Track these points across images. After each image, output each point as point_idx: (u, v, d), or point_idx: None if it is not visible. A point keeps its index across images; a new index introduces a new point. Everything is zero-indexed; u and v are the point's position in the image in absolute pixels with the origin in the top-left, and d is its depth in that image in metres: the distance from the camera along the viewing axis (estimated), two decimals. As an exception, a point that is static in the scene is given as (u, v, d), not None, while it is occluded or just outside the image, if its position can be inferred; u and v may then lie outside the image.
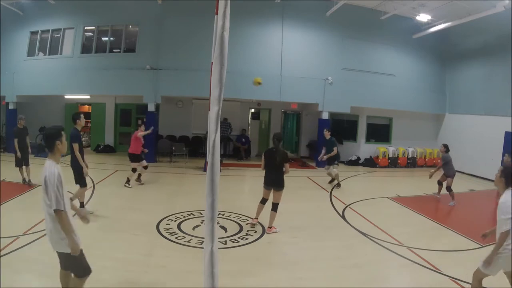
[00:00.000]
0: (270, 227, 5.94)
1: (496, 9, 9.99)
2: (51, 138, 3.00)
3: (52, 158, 3.01)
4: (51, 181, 2.83)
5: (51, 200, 2.80)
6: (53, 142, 3.00)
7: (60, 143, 3.03)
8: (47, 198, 2.83)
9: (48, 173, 2.85)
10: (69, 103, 14.58)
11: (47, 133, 3.03)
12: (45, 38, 13.22)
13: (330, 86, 13.12)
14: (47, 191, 2.81)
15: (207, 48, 4.42)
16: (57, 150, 3.02)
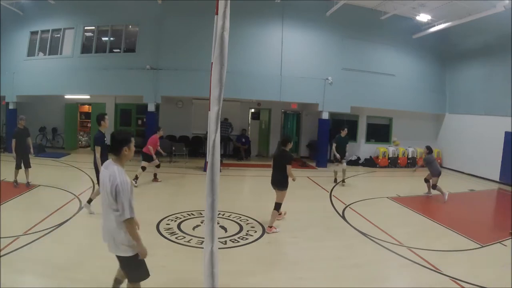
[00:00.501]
0: (270, 227, 5.95)
1: (496, 9, 9.98)
2: (119, 144, 2.95)
3: (118, 163, 2.95)
4: (124, 189, 2.78)
5: (125, 208, 2.77)
6: (120, 148, 2.94)
7: (127, 150, 2.97)
8: (116, 205, 2.80)
9: (120, 180, 2.79)
10: (69, 103, 14.58)
11: (116, 138, 2.99)
12: (45, 38, 13.22)
13: (330, 86, 13.12)
14: (119, 198, 2.77)
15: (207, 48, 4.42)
16: (123, 156, 2.97)
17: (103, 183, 2.89)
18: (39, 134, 14.42)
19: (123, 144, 2.94)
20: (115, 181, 2.78)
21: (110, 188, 2.79)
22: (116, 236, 2.87)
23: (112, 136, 3.03)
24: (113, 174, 2.82)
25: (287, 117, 16.37)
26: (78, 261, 4.41)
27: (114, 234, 2.87)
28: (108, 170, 2.89)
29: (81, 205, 6.85)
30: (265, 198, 8.10)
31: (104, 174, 2.90)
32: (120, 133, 3.03)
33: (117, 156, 2.96)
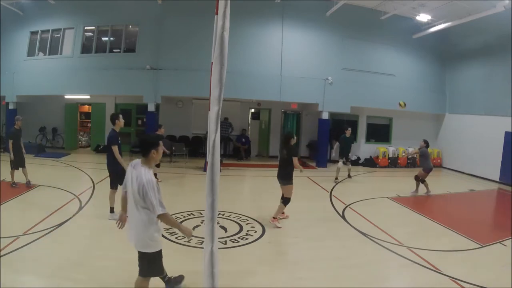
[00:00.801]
0: (274, 218, 6.15)
1: (496, 9, 9.98)
2: (148, 146, 3.06)
3: (146, 164, 3.06)
4: (150, 188, 2.91)
5: (154, 205, 2.92)
6: (149, 150, 3.05)
7: (155, 152, 3.08)
8: (143, 203, 2.94)
9: (146, 180, 2.92)
10: (69, 103, 14.58)
11: (145, 141, 3.12)
12: (45, 38, 13.22)
13: (330, 86, 13.12)
14: (147, 197, 2.90)
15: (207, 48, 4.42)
16: (151, 158, 3.09)
17: (129, 182, 3.06)
18: (39, 134, 14.42)
19: (152, 147, 3.06)
20: (142, 181, 2.91)
21: (137, 188, 2.93)
22: (144, 233, 3.02)
23: (142, 139, 3.20)
24: (140, 174, 2.96)
25: (287, 117, 16.36)
26: (78, 261, 4.41)
27: (142, 230, 3.02)
28: (136, 170, 3.02)
29: (81, 205, 6.85)
30: (265, 198, 8.13)
31: (131, 173, 3.05)
32: (149, 136, 3.24)
33: (146, 157, 3.07)
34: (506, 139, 11.70)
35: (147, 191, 2.89)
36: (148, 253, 3.11)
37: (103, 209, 6.75)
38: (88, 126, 16.18)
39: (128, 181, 3.09)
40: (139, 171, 2.99)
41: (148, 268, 3.19)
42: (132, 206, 3.05)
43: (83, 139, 16.05)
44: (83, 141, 15.93)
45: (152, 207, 2.92)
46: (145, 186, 2.89)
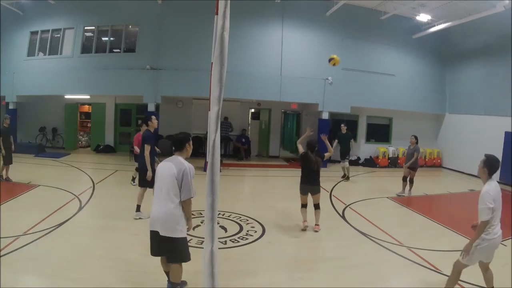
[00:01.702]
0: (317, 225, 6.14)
1: (496, 9, 9.98)
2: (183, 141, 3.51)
3: (181, 156, 3.50)
4: (191, 172, 3.36)
5: (191, 188, 3.34)
6: (184, 144, 3.51)
7: (189, 146, 3.55)
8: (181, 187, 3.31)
9: (188, 166, 3.36)
10: (69, 103, 14.58)
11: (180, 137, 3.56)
12: (45, 38, 13.23)
13: (330, 86, 13.12)
14: (186, 180, 3.31)
15: (207, 48, 4.42)
16: (185, 151, 3.52)
17: (163, 173, 3.37)
18: (39, 134, 14.42)
19: (186, 141, 3.52)
20: (183, 166, 3.33)
21: (177, 174, 3.29)
22: (177, 220, 3.32)
23: (176, 137, 3.61)
24: (180, 162, 3.38)
25: (287, 117, 16.37)
26: (78, 261, 4.41)
27: (175, 218, 3.32)
28: (172, 162, 3.39)
29: (81, 205, 6.85)
30: (265, 198, 8.13)
31: (166, 165, 3.40)
32: (182, 133, 3.67)
33: (181, 151, 3.50)
34: (506, 139, 11.69)
35: (187, 174, 3.30)
36: (180, 238, 3.38)
37: (103, 209, 6.76)
38: (88, 126, 16.18)
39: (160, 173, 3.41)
40: (177, 160, 3.39)
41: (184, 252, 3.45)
42: (164, 196, 3.33)
43: (83, 139, 16.05)
44: (83, 141, 15.94)
45: (188, 189, 3.31)
46: (186, 170, 3.30)
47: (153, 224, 3.41)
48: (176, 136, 3.60)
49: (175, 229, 3.32)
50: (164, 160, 3.52)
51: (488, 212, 3.49)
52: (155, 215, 3.39)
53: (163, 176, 3.38)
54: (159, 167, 3.49)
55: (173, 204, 3.31)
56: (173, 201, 3.31)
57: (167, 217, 3.31)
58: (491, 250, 3.64)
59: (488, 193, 3.53)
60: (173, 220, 3.31)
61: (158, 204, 3.39)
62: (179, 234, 3.35)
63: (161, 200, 3.36)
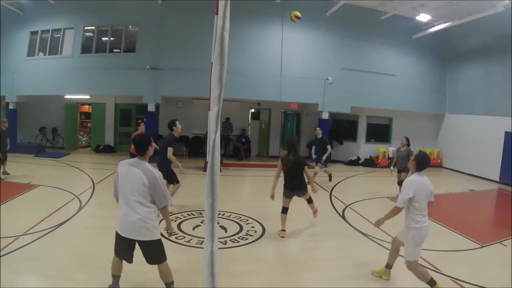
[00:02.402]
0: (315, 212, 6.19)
1: (496, 9, 9.98)
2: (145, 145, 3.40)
3: (145, 160, 3.40)
4: (162, 180, 3.35)
5: (166, 196, 3.36)
6: (146, 147, 3.40)
7: (151, 148, 3.47)
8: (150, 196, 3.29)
9: (158, 174, 3.31)
10: (69, 103, 14.58)
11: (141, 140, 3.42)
12: (45, 38, 13.22)
13: (330, 86, 13.12)
14: (159, 189, 3.29)
15: (207, 48, 4.43)
16: (147, 154, 3.43)
17: (130, 179, 3.28)
18: (39, 134, 14.43)
19: (148, 144, 3.41)
20: (153, 175, 3.27)
21: (148, 183, 3.24)
22: (150, 223, 3.31)
23: (137, 140, 3.45)
24: (148, 169, 3.29)
25: (287, 117, 16.37)
26: (78, 261, 4.41)
27: (147, 221, 3.29)
28: (139, 168, 3.28)
29: (81, 205, 6.85)
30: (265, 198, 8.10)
31: (132, 170, 3.29)
32: (143, 135, 3.55)
33: (144, 155, 3.40)
34: (506, 139, 11.70)
35: (159, 183, 3.27)
36: (158, 239, 3.42)
37: (103, 209, 6.76)
38: (88, 126, 16.18)
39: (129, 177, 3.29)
40: (145, 167, 3.30)
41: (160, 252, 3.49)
42: (132, 201, 3.26)
43: (83, 139, 16.05)
44: (83, 141, 15.94)
45: (163, 197, 3.31)
46: (157, 180, 3.27)
47: (126, 232, 3.34)
48: (137, 139, 3.45)
49: (152, 232, 3.34)
50: (127, 164, 3.37)
51: (404, 201, 3.76)
52: (127, 222, 3.30)
53: (131, 182, 3.28)
54: (122, 171, 3.35)
55: (146, 209, 3.29)
56: (146, 206, 3.29)
57: (142, 223, 3.28)
58: (422, 238, 3.91)
59: (410, 182, 3.80)
60: (149, 225, 3.31)
61: (128, 211, 3.29)
62: (156, 236, 3.39)
63: (131, 206, 3.28)
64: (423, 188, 3.80)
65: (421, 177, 3.87)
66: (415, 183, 3.79)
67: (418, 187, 3.77)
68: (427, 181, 3.90)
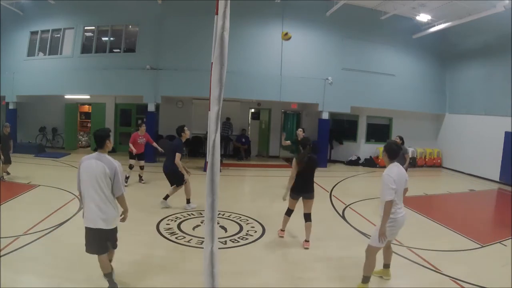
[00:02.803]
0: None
1: (496, 9, 9.98)
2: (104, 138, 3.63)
3: (103, 152, 3.64)
4: (121, 170, 3.60)
5: (122, 185, 3.60)
6: (104, 140, 3.62)
7: (109, 142, 3.69)
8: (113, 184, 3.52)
9: (117, 164, 3.58)
10: (69, 103, 14.58)
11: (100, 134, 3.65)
12: (45, 38, 13.23)
13: (330, 86, 13.12)
14: (117, 178, 3.53)
15: (207, 48, 4.42)
16: (106, 147, 3.65)
17: (94, 171, 3.48)
18: (39, 134, 14.43)
19: (106, 137, 3.64)
20: (114, 166, 3.54)
21: (110, 173, 3.49)
22: (109, 213, 3.54)
23: (96, 134, 3.67)
24: (110, 161, 3.56)
25: (287, 117, 16.36)
26: (78, 261, 4.41)
27: (107, 211, 3.52)
28: (101, 160, 3.53)
29: (81, 205, 6.84)
30: (265, 198, 8.13)
31: (95, 163, 3.51)
32: (101, 129, 3.73)
33: (103, 148, 3.63)
34: (506, 139, 11.70)
35: (118, 173, 3.53)
36: (115, 228, 3.67)
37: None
38: (88, 126, 16.18)
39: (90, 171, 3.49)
40: (107, 159, 3.56)
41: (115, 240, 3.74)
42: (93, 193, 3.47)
43: (83, 139, 16.05)
44: (83, 141, 15.93)
45: (120, 187, 3.56)
46: (117, 169, 3.53)
47: (95, 222, 3.50)
48: (96, 133, 3.67)
49: (114, 221, 3.63)
50: (90, 158, 3.57)
51: (391, 193, 3.74)
52: (96, 213, 3.48)
53: (95, 174, 3.47)
54: (86, 164, 3.54)
55: (109, 200, 3.53)
56: (109, 198, 3.53)
57: (108, 214, 3.52)
58: (396, 228, 3.99)
59: (388, 175, 3.81)
60: (113, 215, 3.59)
61: (97, 203, 3.48)
62: (113, 225, 3.64)
63: (98, 198, 3.48)
64: (399, 178, 3.84)
65: (397, 167, 3.93)
66: (394, 173, 3.82)
67: (397, 178, 3.81)
68: (402, 170, 3.98)
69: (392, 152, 3.97)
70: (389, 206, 3.80)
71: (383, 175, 3.86)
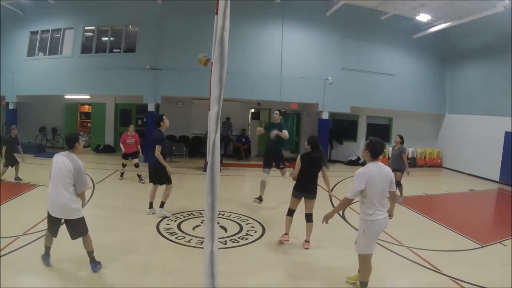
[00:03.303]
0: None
1: (496, 9, 9.98)
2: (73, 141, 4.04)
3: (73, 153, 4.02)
4: (83, 169, 3.96)
5: (84, 183, 3.98)
6: (74, 143, 4.03)
7: (78, 144, 4.06)
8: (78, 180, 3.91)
9: (81, 164, 3.95)
10: (69, 103, 14.59)
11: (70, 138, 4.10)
12: (45, 38, 13.23)
13: (330, 86, 13.12)
14: (81, 176, 3.93)
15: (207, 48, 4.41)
16: (75, 149, 4.04)
17: (60, 166, 3.89)
18: (39, 134, 14.42)
19: (75, 140, 4.05)
20: (77, 164, 3.92)
21: (73, 170, 3.87)
22: (72, 205, 3.93)
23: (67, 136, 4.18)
24: (75, 159, 3.94)
25: (287, 117, 16.36)
26: (78, 261, 4.41)
27: (70, 203, 3.91)
28: (68, 158, 3.93)
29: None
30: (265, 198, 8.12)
31: (63, 159, 3.92)
32: (72, 133, 4.26)
33: (72, 149, 4.02)
34: (506, 139, 11.70)
35: (81, 171, 3.93)
36: (79, 218, 4.03)
37: (103, 209, 6.75)
38: (88, 126, 16.17)
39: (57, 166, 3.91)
40: (71, 157, 3.94)
41: (83, 228, 4.10)
42: (58, 185, 3.87)
43: (83, 139, 16.04)
44: (83, 141, 15.93)
45: (84, 183, 3.97)
46: (80, 168, 3.91)
47: (52, 210, 3.94)
48: (68, 136, 4.18)
49: (73, 213, 3.95)
50: (60, 154, 4.00)
51: (355, 193, 3.60)
52: (54, 202, 3.92)
53: (60, 168, 3.88)
54: (56, 159, 3.97)
55: (69, 193, 3.89)
56: (69, 191, 3.89)
57: (65, 205, 3.89)
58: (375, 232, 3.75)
59: (363, 173, 3.58)
60: (71, 207, 3.92)
61: (55, 193, 3.89)
62: (77, 215, 3.99)
63: (58, 189, 3.88)
64: (378, 178, 3.57)
65: (377, 166, 3.64)
66: (368, 174, 3.56)
67: (371, 178, 3.54)
68: (384, 170, 3.67)
69: (376, 151, 3.67)
70: (346, 202, 3.68)
71: (357, 172, 3.62)
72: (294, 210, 5.42)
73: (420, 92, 14.43)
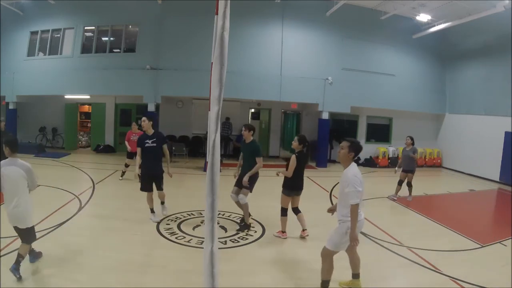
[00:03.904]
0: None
1: (496, 9, 9.99)
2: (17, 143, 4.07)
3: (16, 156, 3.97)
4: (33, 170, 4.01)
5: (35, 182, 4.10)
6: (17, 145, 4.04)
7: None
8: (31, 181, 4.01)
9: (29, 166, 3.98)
10: (69, 103, 14.59)
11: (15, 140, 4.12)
12: (45, 38, 13.23)
13: (330, 86, 13.12)
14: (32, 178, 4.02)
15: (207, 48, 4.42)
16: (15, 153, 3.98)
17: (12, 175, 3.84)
18: (39, 134, 14.43)
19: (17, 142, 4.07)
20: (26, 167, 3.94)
21: (26, 174, 3.92)
22: (27, 212, 4.01)
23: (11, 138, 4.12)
24: (23, 164, 3.95)
25: (287, 117, 16.37)
26: (78, 261, 4.41)
27: (25, 211, 3.98)
28: (16, 165, 3.89)
29: (81, 205, 6.85)
30: (265, 198, 8.12)
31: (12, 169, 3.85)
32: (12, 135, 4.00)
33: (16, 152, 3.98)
34: (506, 139, 11.70)
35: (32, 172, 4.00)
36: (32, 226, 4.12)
37: (103, 209, 6.76)
38: (88, 126, 16.18)
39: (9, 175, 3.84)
40: (20, 163, 3.93)
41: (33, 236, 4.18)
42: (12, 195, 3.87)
43: (83, 139, 16.05)
44: (83, 141, 15.94)
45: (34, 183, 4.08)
46: (30, 170, 3.97)
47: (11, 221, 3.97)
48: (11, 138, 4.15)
49: (29, 221, 4.06)
50: (5, 165, 3.86)
51: (358, 195, 3.52)
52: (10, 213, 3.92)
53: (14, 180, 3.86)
54: (5, 171, 3.84)
55: (24, 202, 3.93)
56: (24, 199, 3.94)
57: (23, 215, 3.95)
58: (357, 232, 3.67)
59: (356, 177, 3.57)
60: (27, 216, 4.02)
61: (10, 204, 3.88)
62: (30, 224, 4.07)
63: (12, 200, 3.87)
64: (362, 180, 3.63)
65: (356, 167, 3.69)
66: (359, 175, 3.60)
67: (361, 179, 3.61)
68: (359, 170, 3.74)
69: (359, 151, 3.69)
70: (356, 209, 3.54)
71: (350, 176, 3.57)
72: (287, 209, 5.65)
73: (420, 92, 14.43)
